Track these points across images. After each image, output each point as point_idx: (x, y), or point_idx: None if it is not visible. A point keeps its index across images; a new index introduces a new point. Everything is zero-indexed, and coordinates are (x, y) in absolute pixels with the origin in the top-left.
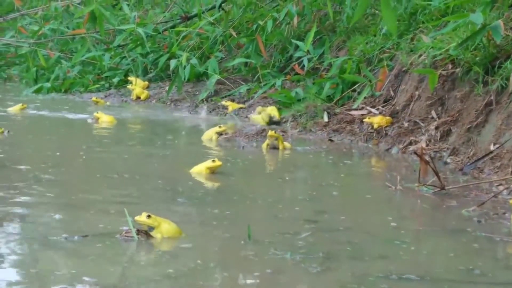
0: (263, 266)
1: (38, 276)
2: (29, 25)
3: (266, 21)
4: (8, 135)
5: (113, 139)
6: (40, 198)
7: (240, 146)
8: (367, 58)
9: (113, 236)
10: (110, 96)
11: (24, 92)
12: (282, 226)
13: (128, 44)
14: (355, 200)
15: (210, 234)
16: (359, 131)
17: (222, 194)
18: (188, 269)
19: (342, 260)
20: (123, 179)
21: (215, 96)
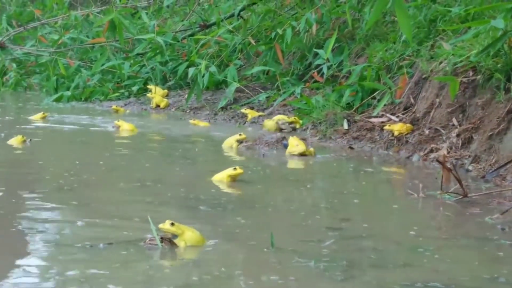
0: (287, 274)
1: (63, 283)
2: (49, 34)
3: (285, 29)
4: (30, 143)
5: (134, 147)
6: (63, 206)
7: (261, 153)
8: (387, 65)
9: (137, 243)
10: (129, 104)
11: (44, 100)
12: (305, 234)
13: (147, 52)
14: (377, 208)
15: (234, 242)
16: (379, 139)
17: (244, 202)
18: (212, 277)
19: (366, 268)
20: (145, 187)
21: (234, 104)
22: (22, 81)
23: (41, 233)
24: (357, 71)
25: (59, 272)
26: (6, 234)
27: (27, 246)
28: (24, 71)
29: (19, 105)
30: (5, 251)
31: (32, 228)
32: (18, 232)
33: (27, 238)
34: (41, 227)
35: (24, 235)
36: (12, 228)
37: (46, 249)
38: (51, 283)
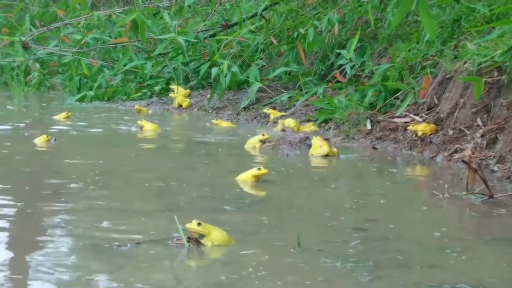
0: (314, 274)
1: (91, 283)
2: (72, 34)
3: (307, 29)
4: (55, 142)
5: (158, 147)
6: (89, 206)
7: (284, 154)
8: (410, 65)
9: (164, 243)
10: (152, 104)
11: (67, 100)
12: (330, 234)
13: (169, 52)
14: (402, 209)
15: (260, 242)
16: (402, 139)
17: (269, 202)
18: (240, 277)
19: (393, 269)
20: (170, 187)
21: (256, 104)
22: (45, 81)
23: (68, 233)
24: (380, 71)
25: (87, 272)
26: (32, 234)
27: (54, 246)
28: (47, 71)
29: (42, 105)
30: (31, 251)
31: (58, 228)
32: (44, 232)
33: (54, 238)
34: (68, 227)
35: (51, 235)
36: (39, 228)
37: (73, 249)
38: (79, 283)
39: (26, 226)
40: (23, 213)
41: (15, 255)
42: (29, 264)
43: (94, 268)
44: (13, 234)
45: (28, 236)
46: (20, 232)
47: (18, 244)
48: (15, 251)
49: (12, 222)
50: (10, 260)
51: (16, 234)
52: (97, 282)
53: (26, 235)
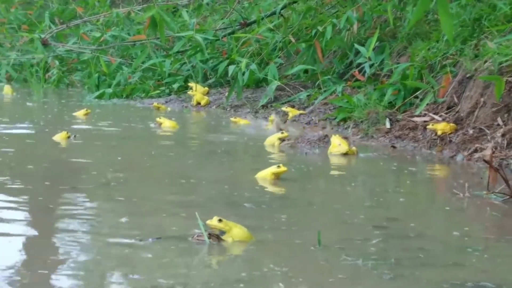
0: (335, 272)
1: (113, 277)
2: (91, 31)
3: (325, 27)
4: (75, 139)
5: (177, 144)
6: (110, 201)
7: (303, 152)
8: (429, 64)
9: (185, 239)
10: (170, 102)
11: (86, 97)
12: (351, 232)
13: (187, 50)
14: (423, 207)
15: (280, 239)
16: (422, 138)
17: (288, 200)
18: (261, 273)
19: (415, 267)
20: (190, 184)
21: (275, 102)
22: (64, 78)
23: (90, 228)
24: (399, 70)
25: (109, 267)
26: (54, 230)
27: (74, 240)
28: (66, 68)
29: (61, 102)
30: (53, 246)
31: (80, 223)
32: (65, 227)
33: (76, 233)
34: (89, 222)
35: (73, 230)
36: (60, 224)
37: (95, 244)
38: (100, 278)
39: (46, 221)
40: (43, 208)
41: (35, 250)
42: (49, 258)
43: (115, 262)
44: (33, 229)
45: (48, 231)
46: (40, 227)
47: (38, 239)
48: (35, 246)
49: (32, 217)
50: (31, 255)
51: (36, 229)
52: (117, 276)
53: (46, 230)
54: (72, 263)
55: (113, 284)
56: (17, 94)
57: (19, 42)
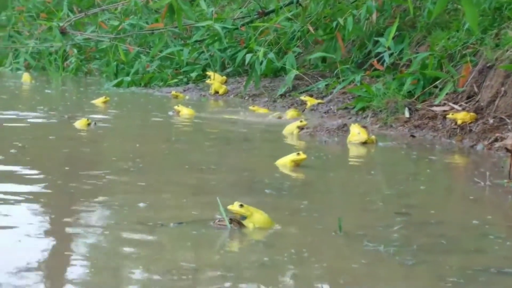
0: (357, 257)
1: (136, 261)
2: (109, 20)
3: (345, 18)
4: (95, 126)
5: (195, 131)
6: (131, 186)
7: (322, 140)
8: (449, 54)
9: (206, 224)
10: (188, 90)
11: (105, 85)
12: (372, 219)
13: (205, 39)
14: (444, 195)
15: (301, 225)
16: (441, 127)
17: (309, 187)
18: (283, 258)
19: (437, 253)
20: (210, 170)
21: (293, 91)
22: (82, 66)
23: (110, 213)
24: (418, 59)
25: (130, 251)
26: (73, 214)
27: (95, 225)
28: (84, 57)
29: (80, 90)
30: (72, 230)
31: (100, 208)
32: (86, 212)
33: (96, 218)
34: (110, 207)
35: (93, 215)
36: (79, 208)
37: (117, 228)
38: (121, 262)
39: (66, 207)
40: (63, 194)
41: (57, 235)
42: (71, 243)
43: (136, 246)
44: (54, 214)
45: (69, 216)
46: (61, 213)
47: (59, 225)
48: (57, 230)
49: (52, 202)
50: (52, 239)
51: (57, 214)
52: (140, 260)
53: (66, 215)
54: (92, 247)
55: (134, 269)
56: (35, 82)
57: (37, 31)
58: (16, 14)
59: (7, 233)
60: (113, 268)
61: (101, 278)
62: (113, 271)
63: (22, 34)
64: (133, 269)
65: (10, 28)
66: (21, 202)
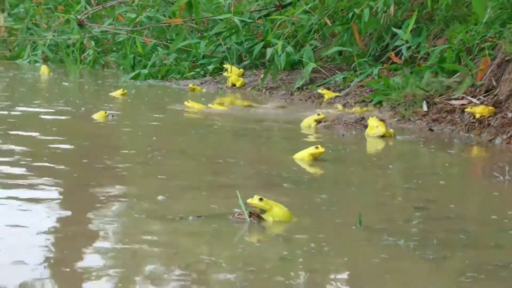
0: (377, 252)
1: (154, 254)
2: (126, 13)
3: (362, 10)
4: (113, 118)
5: (213, 125)
6: (148, 180)
7: (340, 133)
8: (467, 47)
9: (225, 217)
10: (205, 83)
11: (122, 78)
12: (391, 213)
13: (222, 32)
14: (463, 189)
15: (320, 219)
16: (460, 121)
17: (327, 180)
18: (302, 252)
19: (457, 248)
20: (228, 164)
21: (310, 85)
22: (100, 59)
23: (130, 206)
24: (436, 53)
25: (150, 244)
26: (91, 207)
27: (113, 217)
28: (101, 49)
29: (98, 82)
30: (90, 223)
31: (118, 201)
32: (104, 205)
33: (115, 209)
34: (130, 199)
35: (111, 208)
36: (98, 201)
37: (136, 221)
38: (140, 255)
39: (82, 199)
40: (81, 186)
41: (72, 227)
42: (86, 235)
43: (155, 240)
44: (70, 206)
45: (85, 208)
46: (77, 205)
47: (75, 217)
48: (72, 223)
49: (71, 194)
50: (67, 232)
51: (73, 207)
52: (159, 253)
53: (82, 207)
54: (110, 240)
55: (153, 263)
56: (53, 74)
57: (55, 23)
58: (34, 7)
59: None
60: (131, 262)
61: (119, 271)
62: (131, 265)
63: (40, 27)
64: (152, 263)
65: (28, 20)
66: (39, 194)
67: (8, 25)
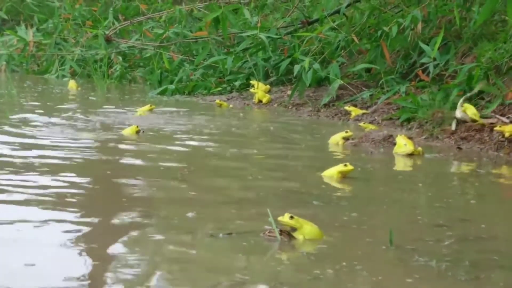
0: (409, 272)
1: (185, 271)
2: (153, 28)
3: (390, 27)
4: (143, 134)
5: (241, 141)
6: (179, 195)
7: (368, 151)
8: (496, 65)
9: (256, 235)
10: (232, 99)
11: (149, 93)
12: (422, 233)
13: (249, 48)
14: (494, 209)
15: (351, 237)
16: (488, 140)
17: (357, 199)
18: (334, 271)
19: (491, 269)
20: (257, 180)
21: (337, 101)
22: (127, 74)
23: (160, 223)
24: (464, 71)
25: (180, 262)
26: (119, 221)
27: (145, 235)
28: (128, 64)
29: (125, 97)
30: (116, 237)
31: (149, 218)
32: (136, 222)
33: (144, 228)
34: (159, 217)
35: (140, 222)
36: (126, 216)
37: (166, 239)
38: (171, 273)
39: (111, 213)
40: (109, 203)
41: (96, 241)
42: (116, 254)
43: (186, 257)
44: (99, 222)
45: (114, 226)
46: (106, 222)
47: (104, 234)
48: (100, 240)
49: (98, 210)
50: (96, 248)
51: (101, 223)
52: (189, 272)
53: (109, 221)
54: (139, 258)
55: (183, 280)
56: (81, 89)
57: (83, 38)
58: (62, 22)
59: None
60: (161, 279)
61: None
62: (161, 282)
63: (68, 42)
64: (183, 280)
65: (57, 35)
66: (66, 208)
67: (36, 40)
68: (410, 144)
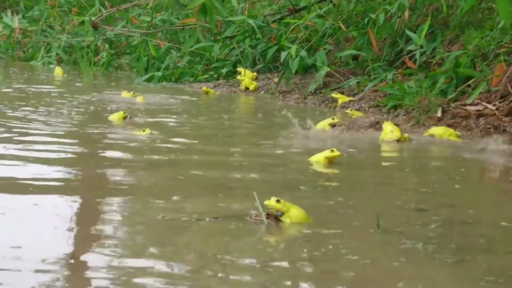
0: (396, 255)
1: (175, 255)
2: (140, 15)
3: (377, 14)
4: (130, 120)
5: (228, 128)
6: (165, 181)
7: (355, 138)
8: (483, 53)
9: (243, 219)
10: (219, 86)
11: (136, 80)
12: (409, 217)
13: (236, 35)
14: (480, 194)
15: (338, 221)
16: (475, 127)
17: (343, 183)
18: (321, 254)
19: (476, 252)
20: (243, 166)
21: (324, 89)
22: (113, 61)
23: (146, 207)
24: (451, 58)
25: (167, 245)
26: (106, 207)
27: (132, 219)
28: (115, 52)
29: (111, 84)
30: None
31: (135, 201)
32: (122, 205)
33: (131, 211)
34: (145, 201)
35: (128, 208)
36: (116, 201)
37: (152, 222)
38: (158, 256)
39: (99, 199)
40: (96, 187)
41: (90, 229)
42: (104, 237)
43: (173, 241)
44: (87, 207)
45: (102, 210)
46: (92, 204)
47: (92, 218)
48: (89, 224)
49: (85, 195)
50: (85, 232)
51: (89, 208)
52: (176, 255)
53: (99, 208)
54: (125, 241)
55: (171, 263)
56: (67, 76)
57: (69, 25)
58: (48, 9)
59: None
60: (148, 263)
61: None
62: (148, 265)
63: (54, 29)
64: (170, 263)
65: (43, 22)
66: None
67: (22, 27)
68: (397, 130)
